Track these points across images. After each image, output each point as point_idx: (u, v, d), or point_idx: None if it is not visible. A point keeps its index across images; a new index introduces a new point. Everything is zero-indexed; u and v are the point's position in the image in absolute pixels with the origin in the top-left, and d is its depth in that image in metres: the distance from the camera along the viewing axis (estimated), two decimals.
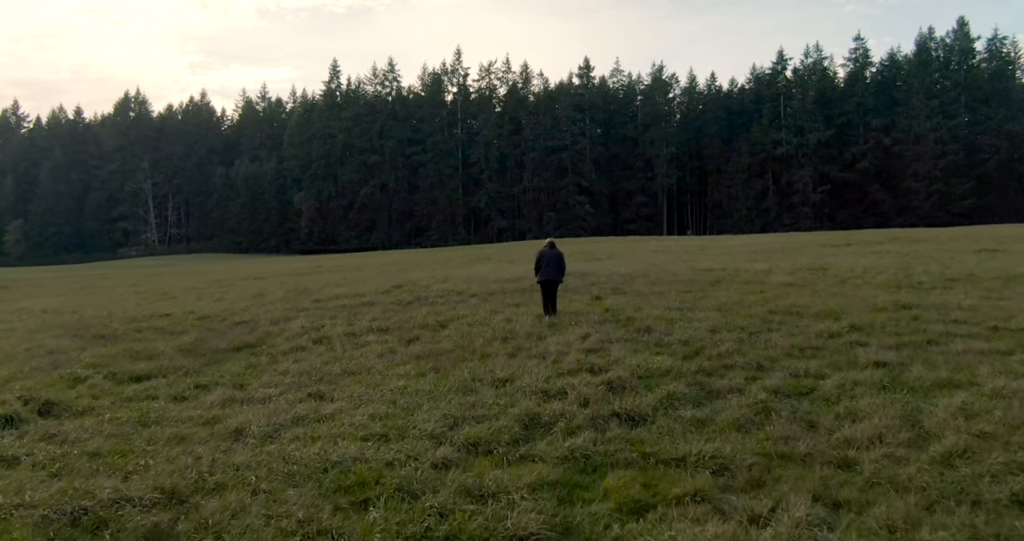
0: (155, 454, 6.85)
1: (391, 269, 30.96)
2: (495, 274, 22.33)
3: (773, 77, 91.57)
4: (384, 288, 18.73)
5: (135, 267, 62.22)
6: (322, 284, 21.96)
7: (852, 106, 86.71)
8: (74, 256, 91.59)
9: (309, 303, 17.17)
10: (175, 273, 44.01)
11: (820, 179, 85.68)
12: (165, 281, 33.83)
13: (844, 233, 49.27)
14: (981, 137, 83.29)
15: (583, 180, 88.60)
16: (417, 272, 25.94)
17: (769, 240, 41.26)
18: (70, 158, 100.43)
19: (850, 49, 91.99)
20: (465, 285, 18.55)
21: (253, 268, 42.40)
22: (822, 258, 24.56)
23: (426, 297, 16.76)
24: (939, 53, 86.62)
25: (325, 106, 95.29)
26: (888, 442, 6.44)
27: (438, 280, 20.46)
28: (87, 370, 10.99)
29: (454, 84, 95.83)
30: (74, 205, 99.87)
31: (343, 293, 18.20)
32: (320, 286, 21.24)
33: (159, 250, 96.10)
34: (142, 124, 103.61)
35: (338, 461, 6.40)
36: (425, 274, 23.78)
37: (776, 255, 26.79)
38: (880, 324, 11.10)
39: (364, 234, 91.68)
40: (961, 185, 79.86)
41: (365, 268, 33.29)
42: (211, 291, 24.01)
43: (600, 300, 15.24)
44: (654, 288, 16.58)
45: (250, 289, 23.39)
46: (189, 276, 38.30)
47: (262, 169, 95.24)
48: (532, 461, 6.43)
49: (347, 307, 16.00)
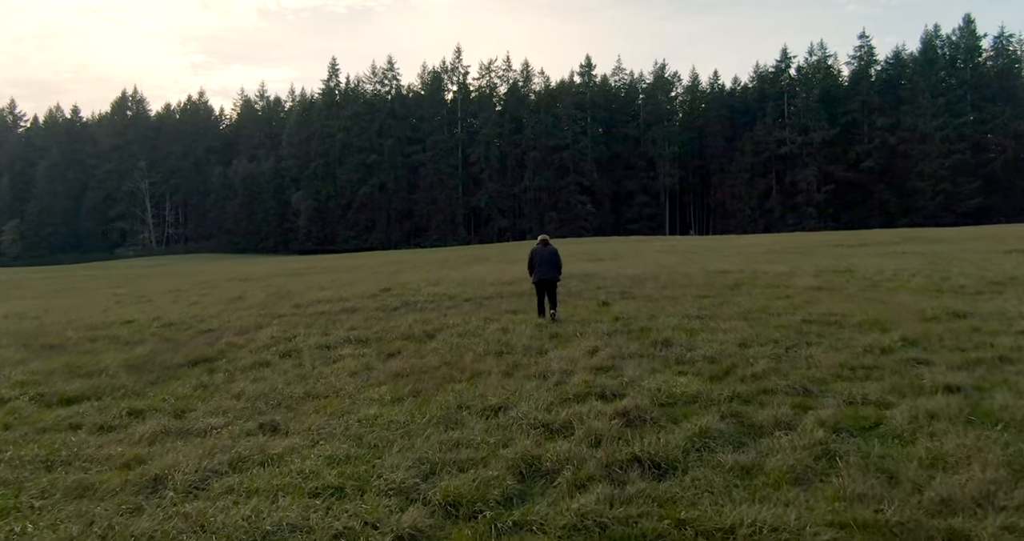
0: (40, 516, 5.23)
1: (385, 270, 29.36)
2: (493, 276, 20.73)
3: (777, 75, 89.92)
4: (371, 292, 17.12)
5: (128, 268, 60.62)
6: (307, 287, 20.33)
7: (857, 105, 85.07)
8: (70, 256, 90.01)
9: (288, 308, 15.56)
10: (164, 274, 42.42)
11: (824, 179, 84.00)
12: (149, 283, 32.22)
13: (854, 233, 47.60)
14: (987, 136, 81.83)
15: (584, 179, 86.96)
16: (410, 274, 24.31)
17: (777, 240, 39.61)
18: (67, 157, 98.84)
19: (855, 47, 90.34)
20: (459, 288, 16.93)
21: (243, 269, 40.79)
22: (843, 259, 22.92)
23: (415, 302, 15.15)
24: (945, 51, 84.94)
25: (324, 105, 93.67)
26: (1002, 504, 4.82)
27: (430, 282, 18.85)
28: (14, 390, 9.38)
29: (454, 82, 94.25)
30: (71, 205, 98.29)
31: (326, 297, 16.58)
32: (304, 289, 19.62)
33: (156, 250, 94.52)
34: (139, 123, 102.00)
35: (271, 531, 4.79)
36: (418, 276, 22.15)
37: (791, 256, 25.14)
38: (937, 337, 9.47)
39: (363, 234, 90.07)
40: (968, 184, 78.18)
41: (358, 269, 31.68)
42: (190, 294, 22.42)
43: (608, 306, 13.64)
44: (667, 292, 14.94)
45: (231, 292, 21.79)
46: (176, 277, 36.71)
47: (260, 169, 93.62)
48: (530, 531, 4.81)
49: (327, 313, 14.38)
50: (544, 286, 12.98)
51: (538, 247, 13.34)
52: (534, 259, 13.14)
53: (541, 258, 13.02)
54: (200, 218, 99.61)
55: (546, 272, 12.88)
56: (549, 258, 13.02)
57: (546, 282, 12.95)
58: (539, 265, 12.96)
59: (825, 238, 38.21)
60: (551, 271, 12.94)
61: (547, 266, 12.91)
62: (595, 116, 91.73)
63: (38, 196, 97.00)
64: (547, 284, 12.96)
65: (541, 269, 12.89)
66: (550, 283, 12.97)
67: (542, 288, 13.02)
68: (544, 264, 12.92)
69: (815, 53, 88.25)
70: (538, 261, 13.01)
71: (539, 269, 12.91)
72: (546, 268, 12.90)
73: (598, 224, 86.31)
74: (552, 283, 13.01)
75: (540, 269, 12.90)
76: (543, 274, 12.88)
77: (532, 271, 13.18)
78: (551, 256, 13.05)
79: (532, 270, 13.17)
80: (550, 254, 13.08)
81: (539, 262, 12.97)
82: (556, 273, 13.09)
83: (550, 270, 12.92)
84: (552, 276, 12.98)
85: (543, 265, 12.91)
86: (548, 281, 12.94)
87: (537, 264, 13.01)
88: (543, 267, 12.89)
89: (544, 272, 12.88)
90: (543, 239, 13.64)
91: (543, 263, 12.94)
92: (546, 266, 12.91)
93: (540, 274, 12.88)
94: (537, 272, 12.93)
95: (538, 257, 13.05)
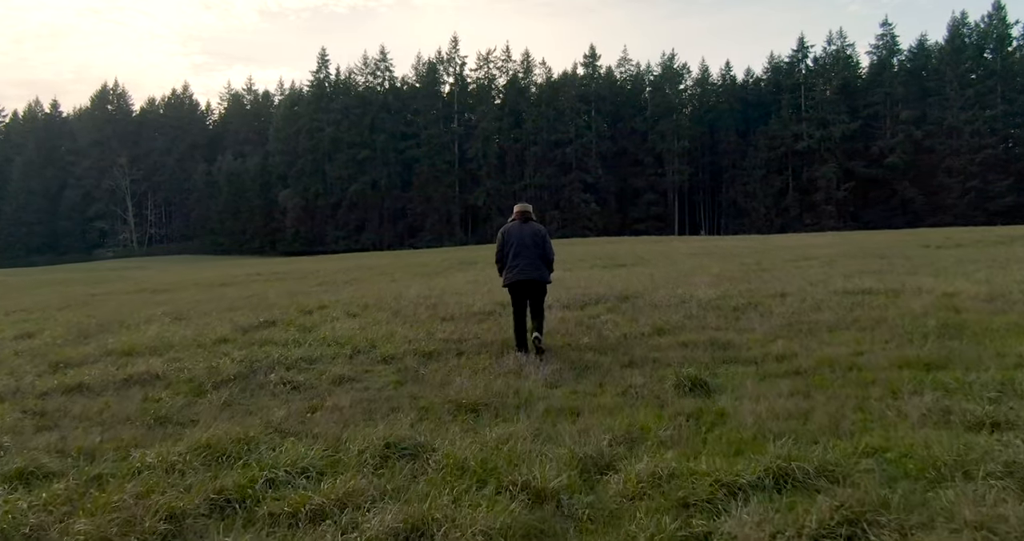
0: None
1: (337, 279, 21.32)
2: (469, 291, 12.75)
3: (792, 66, 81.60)
4: (229, 332, 8.98)
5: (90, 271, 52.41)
6: (145, 318, 12.05)
7: (879, 97, 76.74)
8: (46, 258, 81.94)
9: (38, 371, 7.46)
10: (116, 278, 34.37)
11: (845, 175, 75.80)
12: (71, 291, 24.12)
13: (936, 231, 37.61)
14: (1019, 129, 73.74)
15: (588, 176, 78.66)
16: (353, 288, 16.20)
17: (831, 240, 31.40)
18: (44, 154, 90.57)
19: (876, 35, 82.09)
20: (387, 327, 8.80)
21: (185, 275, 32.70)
22: (973, 265, 14.77)
23: (272, 364, 7.00)
24: (973, 39, 76.69)
25: (313, 98, 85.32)
26: None
27: (356, 307, 10.81)
28: None
29: (450, 74, 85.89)
30: (47, 203, 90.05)
31: (130, 347, 8.42)
32: (140, 320, 11.44)
33: (137, 251, 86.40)
34: (120, 118, 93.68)
35: None
36: (356, 293, 14.00)
37: (897, 263, 16.99)
38: None
39: (353, 234, 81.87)
40: (999, 182, 70.16)
41: (308, 277, 23.57)
42: (50, 313, 14.35)
43: (703, 394, 5.46)
44: (822, 347, 6.77)
45: (73, 316, 13.70)
46: (111, 283, 28.77)
47: (245, 165, 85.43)
48: None
49: (65, 397, 6.27)
50: (525, 292, 7.72)
51: (513, 224, 7.94)
52: (508, 244, 7.76)
53: (520, 242, 7.71)
54: (184, 217, 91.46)
55: (528, 268, 7.64)
56: (532, 243, 7.72)
57: (528, 285, 7.69)
58: (516, 255, 7.68)
59: (895, 237, 30.05)
60: (536, 266, 7.68)
61: (529, 257, 7.67)
62: (600, 109, 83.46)
63: (13, 194, 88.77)
64: (530, 288, 7.71)
65: (520, 262, 7.64)
66: (534, 286, 7.72)
67: (522, 295, 7.74)
68: (525, 253, 7.67)
69: (834, 42, 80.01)
70: (514, 248, 7.69)
71: (517, 262, 7.65)
72: (528, 261, 7.66)
73: (603, 224, 78.07)
74: (539, 286, 7.76)
75: (519, 262, 7.64)
76: (524, 271, 7.64)
77: (504, 266, 7.83)
78: (534, 240, 7.74)
79: (503, 263, 7.83)
80: (533, 236, 7.78)
81: (516, 249, 7.68)
82: (544, 269, 7.79)
83: (534, 264, 7.67)
84: (538, 275, 7.72)
85: (523, 255, 7.67)
86: (532, 283, 7.68)
87: (512, 254, 7.70)
88: (524, 259, 7.65)
89: (526, 268, 7.64)
90: (522, 211, 8.00)
91: (523, 251, 7.67)
92: (528, 257, 7.66)
93: (520, 272, 7.64)
94: (514, 268, 7.67)
95: (514, 241, 7.71)
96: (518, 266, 7.59)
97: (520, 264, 7.58)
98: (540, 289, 7.82)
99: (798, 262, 19.95)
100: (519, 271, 7.58)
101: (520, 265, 7.58)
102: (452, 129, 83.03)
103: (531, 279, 7.62)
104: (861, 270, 14.58)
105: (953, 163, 71.95)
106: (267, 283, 21.21)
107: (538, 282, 7.72)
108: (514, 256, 7.64)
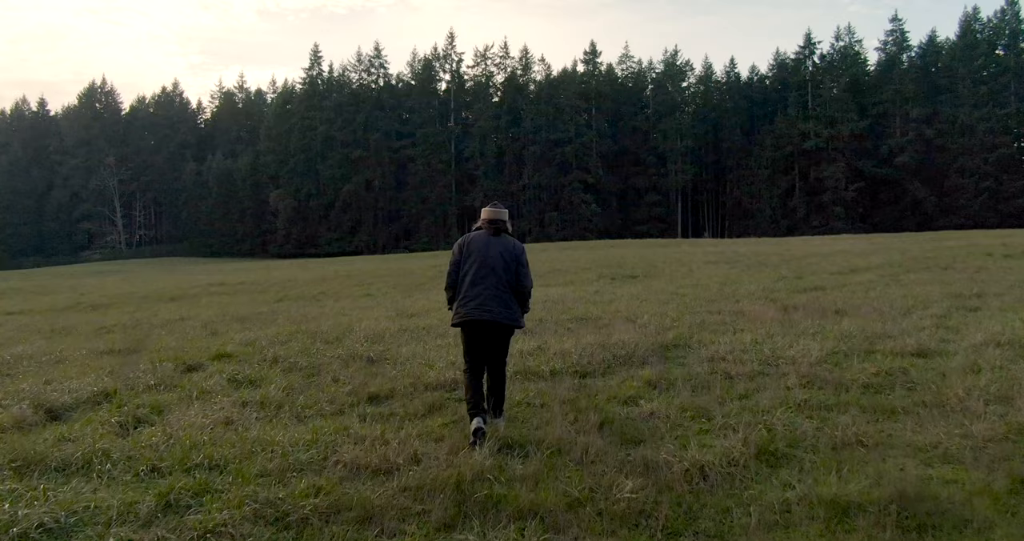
0: None
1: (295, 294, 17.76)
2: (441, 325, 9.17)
3: (799, 63, 77.84)
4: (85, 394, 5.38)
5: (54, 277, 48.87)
6: None
7: (889, 94, 72.99)
8: (32, 260, 78.42)
9: None
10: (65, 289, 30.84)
11: (853, 175, 72.14)
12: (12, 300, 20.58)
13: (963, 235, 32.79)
14: None
15: (589, 176, 74.95)
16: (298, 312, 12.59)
17: (868, 245, 27.84)
18: (30, 153, 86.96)
19: (886, 31, 78.70)
20: (260, 430, 5.12)
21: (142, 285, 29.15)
22: None
23: None
24: (985, 35, 73.06)
25: (305, 95, 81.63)
26: None
27: (260, 360, 7.21)
28: None
29: (447, 71, 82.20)
30: (33, 204, 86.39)
31: None
32: None
33: (125, 254, 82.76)
34: (109, 116, 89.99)
35: None
36: (284, 329, 10.32)
37: (984, 282, 13.46)
38: None
39: (346, 236, 78.16)
40: (1014, 182, 66.61)
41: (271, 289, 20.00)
42: None
43: None
44: None
45: None
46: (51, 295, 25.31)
47: (235, 165, 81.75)
48: None
49: None
50: (482, 335, 4.81)
51: (478, 235, 5.01)
52: (466, 262, 4.88)
53: (483, 262, 4.83)
54: (173, 219, 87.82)
55: (491, 301, 4.73)
56: (501, 265, 4.81)
57: (487, 328, 4.77)
58: (476, 281, 4.79)
59: (934, 242, 26.42)
60: (502, 300, 4.75)
61: (494, 286, 4.76)
62: (600, 107, 79.76)
63: None
64: (488, 331, 4.79)
65: (480, 292, 4.74)
66: (496, 330, 4.80)
67: (478, 341, 4.82)
68: (489, 280, 4.77)
69: (842, 38, 76.33)
70: (474, 270, 4.82)
71: (475, 291, 4.76)
72: (492, 292, 4.74)
73: (604, 225, 74.44)
74: (501, 331, 4.82)
75: (478, 292, 4.75)
76: (484, 307, 4.72)
77: (455, 294, 4.92)
78: (506, 261, 4.83)
79: (456, 291, 4.92)
80: (503, 255, 4.85)
81: (477, 272, 4.81)
82: (514, 306, 4.82)
83: (499, 297, 4.75)
84: (504, 314, 4.74)
85: (485, 282, 4.77)
86: (492, 326, 4.76)
87: (471, 279, 4.81)
88: (485, 288, 4.75)
89: (487, 302, 4.73)
90: (492, 218, 5.08)
91: (486, 276, 4.79)
92: (492, 286, 4.75)
93: (478, 307, 4.73)
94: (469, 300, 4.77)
95: (476, 259, 4.85)
96: (476, 298, 4.76)
97: (480, 295, 4.75)
98: (502, 337, 4.84)
99: (846, 275, 16.42)
100: (477, 305, 4.76)
101: (480, 296, 4.75)
102: (448, 128, 79.42)
103: (492, 320, 4.71)
104: (953, 293, 11.00)
105: (966, 163, 68.43)
106: (215, 298, 17.67)
107: (501, 326, 4.79)
108: (472, 282, 4.79)
